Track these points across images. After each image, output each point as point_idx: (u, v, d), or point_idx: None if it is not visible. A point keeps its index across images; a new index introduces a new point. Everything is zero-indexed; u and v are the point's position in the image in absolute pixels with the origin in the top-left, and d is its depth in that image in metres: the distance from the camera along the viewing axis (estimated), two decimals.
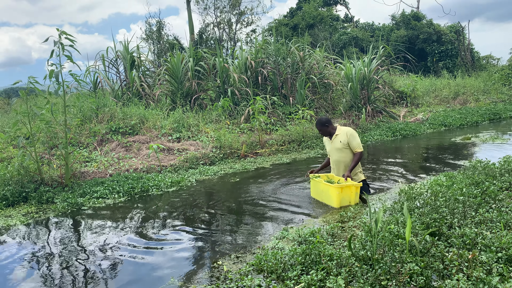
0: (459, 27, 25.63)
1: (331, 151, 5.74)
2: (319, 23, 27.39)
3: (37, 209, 5.92)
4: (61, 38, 6.47)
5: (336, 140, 5.63)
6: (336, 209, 5.01)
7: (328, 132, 5.75)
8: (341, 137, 5.58)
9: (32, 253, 4.25)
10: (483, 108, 15.32)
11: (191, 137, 10.11)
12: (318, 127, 5.75)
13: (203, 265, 3.70)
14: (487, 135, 10.32)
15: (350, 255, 3.12)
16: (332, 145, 5.68)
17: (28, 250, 4.36)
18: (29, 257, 4.14)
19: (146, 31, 26.08)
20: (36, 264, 3.95)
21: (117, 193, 6.45)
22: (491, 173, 5.21)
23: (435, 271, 2.75)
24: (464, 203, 4.02)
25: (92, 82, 12.77)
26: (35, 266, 3.92)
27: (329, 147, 5.80)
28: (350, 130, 5.64)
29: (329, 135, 5.78)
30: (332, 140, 5.69)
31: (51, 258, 4.08)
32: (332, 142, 5.69)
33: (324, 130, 5.73)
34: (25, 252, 4.29)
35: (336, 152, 5.64)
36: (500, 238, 3.09)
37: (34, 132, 7.10)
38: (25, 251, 4.32)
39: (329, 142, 5.80)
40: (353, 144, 5.54)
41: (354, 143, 5.53)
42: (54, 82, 6.56)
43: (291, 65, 12.98)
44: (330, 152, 5.80)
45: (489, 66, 25.52)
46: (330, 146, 5.77)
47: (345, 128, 5.67)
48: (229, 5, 29.04)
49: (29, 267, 3.89)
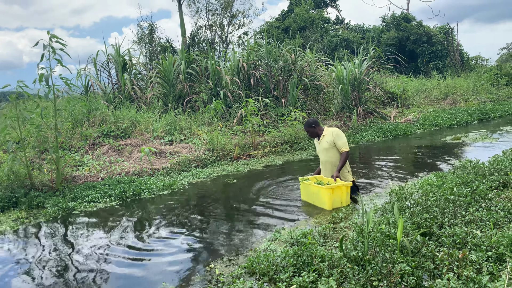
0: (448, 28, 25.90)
1: (319, 152, 5.83)
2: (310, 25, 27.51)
3: (27, 214, 5.86)
4: (52, 42, 6.43)
5: (323, 140, 5.71)
6: (328, 211, 5.02)
7: (316, 133, 5.85)
8: (328, 137, 5.66)
9: (21, 259, 4.20)
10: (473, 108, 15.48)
11: (184, 140, 10.09)
12: (306, 128, 5.85)
13: (195, 269, 3.69)
14: (477, 135, 10.42)
15: (341, 256, 3.13)
16: (320, 146, 5.77)
17: (18, 256, 4.31)
18: (18, 263, 4.09)
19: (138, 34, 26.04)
20: (25, 271, 3.91)
21: (109, 197, 6.41)
22: (481, 172, 5.27)
23: (426, 271, 2.77)
24: (455, 202, 4.06)
25: (84, 85, 12.68)
26: (24, 272, 3.88)
27: (318, 148, 5.89)
28: (336, 130, 5.70)
29: (316, 136, 5.87)
30: (320, 141, 5.78)
31: (41, 264, 4.04)
32: (320, 143, 5.77)
33: (311, 131, 5.83)
34: (14, 258, 4.24)
35: (324, 152, 5.71)
36: (489, 237, 3.12)
37: (24, 136, 7.04)
38: (14, 257, 4.27)
39: (317, 143, 5.91)
40: (339, 143, 5.55)
41: (340, 142, 5.55)
42: (44, 85, 6.51)
43: (283, 67, 13.01)
44: (318, 153, 5.89)
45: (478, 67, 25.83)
46: (318, 147, 5.87)
47: (331, 129, 5.75)
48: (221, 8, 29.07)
49: (18, 274, 3.85)
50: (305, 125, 5.86)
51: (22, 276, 3.77)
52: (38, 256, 4.26)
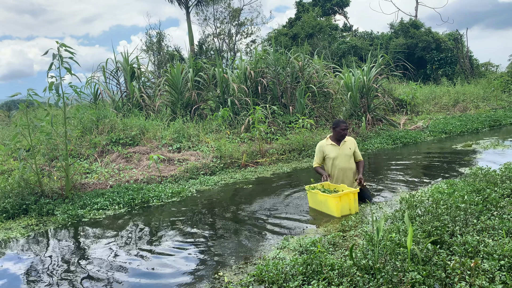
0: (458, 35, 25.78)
1: (338, 158, 5.65)
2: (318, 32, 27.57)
3: (37, 222, 5.90)
4: (61, 51, 6.51)
5: (345, 146, 5.64)
6: (337, 218, 4.98)
7: (342, 136, 5.69)
8: (350, 144, 5.66)
9: (31, 266, 4.22)
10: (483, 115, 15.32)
11: (192, 147, 10.12)
12: (346, 125, 5.66)
13: (203, 276, 3.67)
14: (488, 142, 10.30)
15: (351, 265, 3.09)
16: (341, 151, 5.63)
17: (28, 263, 4.33)
18: (28, 270, 4.11)
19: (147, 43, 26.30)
20: (35, 278, 3.93)
21: (118, 204, 6.44)
22: (492, 180, 5.19)
23: (437, 280, 2.72)
24: (466, 210, 4.00)
25: (93, 93, 12.83)
26: (34, 279, 3.89)
27: (336, 153, 5.67)
28: (353, 139, 5.83)
29: (339, 139, 5.71)
30: (340, 145, 5.66)
31: (50, 271, 4.05)
32: (340, 148, 5.65)
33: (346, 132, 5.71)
34: (25, 265, 4.26)
35: (345, 158, 5.64)
36: (502, 246, 3.06)
37: (34, 144, 7.11)
38: (25, 264, 4.29)
39: (333, 147, 5.69)
40: (358, 151, 5.78)
41: (358, 151, 5.80)
42: (54, 94, 6.59)
43: (291, 74, 13.03)
44: (335, 158, 5.67)
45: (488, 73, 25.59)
46: (337, 151, 5.66)
47: (349, 137, 5.81)
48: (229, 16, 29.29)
49: (27, 280, 3.86)
50: (345, 123, 5.67)
51: (32, 283, 3.78)
52: (47, 263, 4.27)
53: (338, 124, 5.69)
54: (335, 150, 5.69)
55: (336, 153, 5.67)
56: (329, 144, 5.76)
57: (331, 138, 5.82)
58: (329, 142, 5.78)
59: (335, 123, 5.74)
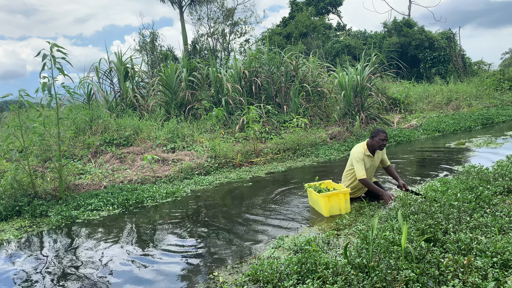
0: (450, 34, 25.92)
1: (371, 169, 5.41)
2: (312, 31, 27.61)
3: (30, 223, 5.86)
4: (53, 51, 6.47)
5: (377, 157, 5.42)
6: (332, 217, 4.99)
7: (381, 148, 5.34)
8: (381, 154, 5.43)
9: (24, 268, 4.19)
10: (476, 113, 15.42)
11: (186, 147, 10.09)
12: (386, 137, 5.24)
13: (198, 277, 3.66)
14: (481, 140, 10.37)
15: (346, 263, 3.11)
16: (373, 162, 5.39)
17: (21, 265, 4.30)
18: (22, 272, 4.08)
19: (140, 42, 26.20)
20: (28, 280, 3.90)
21: (112, 205, 6.41)
22: (485, 177, 5.23)
23: (431, 278, 2.74)
24: (459, 208, 4.03)
25: (86, 94, 12.75)
26: (27, 281, 3.86)
27: (370, 165, 5.36)
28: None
29: (373, 151, 5.37)
30: (374, 157, 5.38)
31: (44, 273, 4.03)
32: (374, 160, 5.37)
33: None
34: (18, 267, 4.23)
35: (373, 171, 5.50)
36: (495, 243, 3.09)
37: (27, 145, 7.06)
38: (18, 266, 4.26)
39: (370, 159, 5.34)
40: (386, 158, 5.56)
41: (386, 157, 5.57)
42: (46, 94, 6.54)
43: (285, 73, 13.03)
44: (369, 170, 5.36)
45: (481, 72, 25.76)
46: (371, 163, 5.35)
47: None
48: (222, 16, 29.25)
49: (21, 282, 3.84)
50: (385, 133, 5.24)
51: (25, 285, 3.76)
52: (41, 265, 4.24)
53: (378, 133, 5.25)
54: (369, 162, 5.37)
55: (369, 165, 5.35)
56: (367, 154, 5.35)
57: (368, 147, 5.36)
58: (367, 152, 5.34)
59: (374, 132, 5.30)
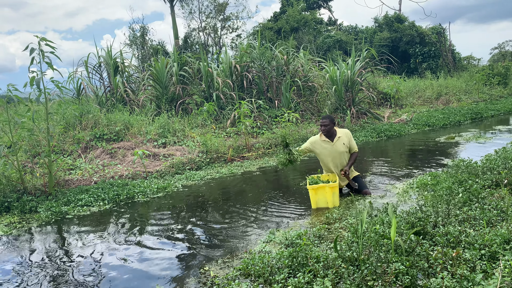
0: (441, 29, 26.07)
1: (330, 155, 5.47)
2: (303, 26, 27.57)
3: (20, 219, 5.80)
4: (41, 45, 6.38)
5: (338, 142, 5.43)
6: (322, 212, 5.02)
7: (332, 133, 5.45)
8: (344, 139, 5.43)
9: (14, 265, 4.15)
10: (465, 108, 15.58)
11: (177, 142, 10.05)
12: (327, 121, 5.35)
13: (189, 271, 3.66)
14: (470, 135, 10.49)
15: (336, 257, 3.13)
16: (334, 148, 5.43)
17: (10, 261, 4.26)
18: (11, 269, 4.05)
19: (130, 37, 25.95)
20: (18, 276, 3.87)
21: (102, 200, 6.37)
22: (474, 171, 5.29)
23: (420, 270, 2.77)
24: (448, 201, 4.07)
25: (76, 88, 12.61)
26: (17, 277, 3.83)
27: (328, 151, 5.47)
28: (348, 131, 5.58)
29: (329, 136, 5.49)
30: (334, 142, 5.44)
31: (33, 270, 4.00)
32: (334, 145, 5.43)
33: (331, 127, 5.38)
34: (7, 264, 4.19)
35: (339, 156, 5.46)
36: (483, 236, 3.13)
37: (16, 140, 6.97)
38: (7, 263, 4.22)
39: (327, 144, 5.47)
40: (353, 144, 5.51)
41: (353, 143, 5.53)
42: (35, 89, 6.46)
43: (276, 68, 13.02)
44: (329, 156, 5.48)
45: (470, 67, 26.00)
46: (329, 149, 5.46)
47: (343, 130, 5.57)
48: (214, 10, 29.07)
49: (10, 278, 3.80)
50: (327, 118, 5.34)
51: (14, 282, 3.72)
52: (30, 262, 4.21)
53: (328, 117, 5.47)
54: (326, 147, 5.49)
55: (328, 150, 5.47)
56: (322, 140, 5.52)
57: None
58: (322, 137, 5.54)
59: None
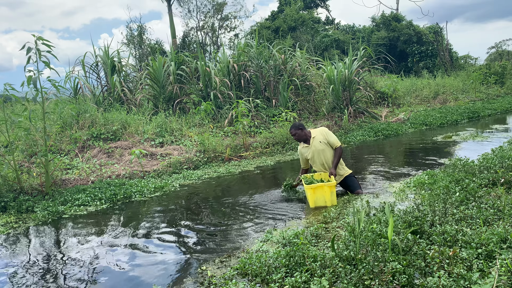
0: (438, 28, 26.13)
1: (314, 156, 5.60)
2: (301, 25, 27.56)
3: (16, 219, 5.78)
4: (38, 44, 6.36)
5: (315, 142, 5.57)
6: (319, 211, 5.02)
7: (304, 136, 5.66)
8: (319, 137, 5.55)
9: (10, 265, 4.14)
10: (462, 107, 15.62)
11: (174, 142, 10.04)
12: (293, 131, 5.64)
13: (187, 271, 3.66)
14: (468, 133, 10.51)
15: (333, 256, 3.13)
16: (313, 149, 5.58)
17: (7, 261, 4.24)
18: (8, 269, 4.03)
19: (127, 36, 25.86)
20: (15, 276, 3.85)
21: (99, 200, 6.35)
22: (471, 170, 5.30)
23: (417, 269, 2.77)
24: (445, 200, 4.08)
25: (72, 88, 12.57)
26: (13, 277, 3.82)
27: (309, 153, 5.65)
28: (324, 128, 5.68)
29: (304, 140, 5.69)
30: (311, 144, 5.61)
31: (31, 269, 3.98)
32: (311, 146, 5.59)
33: (299, 133, 5.63)
34: (4, 264, 4.17)
35: (319, 154, 5.55)
36: (479, 235, 3.14)
37: (12, 140, 6.95)
38: (4, 262, 4.20)
39: (307, 148, 5.68)
40: (332, 139, 5.56)
41: (333, 138, 5.57)
42: (32, 88, 6.43)
43: (274, 67, 13.01)
44: (312, 158, 5.65)
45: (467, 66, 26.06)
46: (309, 151, 5.64)
47: (318, 129, 5.70)
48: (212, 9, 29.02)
49: (7, 279, 3.79)
50: (292, 128, 5.65)
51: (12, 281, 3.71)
52: (27, 261, 4.20)
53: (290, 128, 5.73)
54: (305, 151, 5.71)
55: (309, 153, 5.67)
56: (303, 146, 5.78)
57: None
58: (301, 145, 5.81)
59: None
